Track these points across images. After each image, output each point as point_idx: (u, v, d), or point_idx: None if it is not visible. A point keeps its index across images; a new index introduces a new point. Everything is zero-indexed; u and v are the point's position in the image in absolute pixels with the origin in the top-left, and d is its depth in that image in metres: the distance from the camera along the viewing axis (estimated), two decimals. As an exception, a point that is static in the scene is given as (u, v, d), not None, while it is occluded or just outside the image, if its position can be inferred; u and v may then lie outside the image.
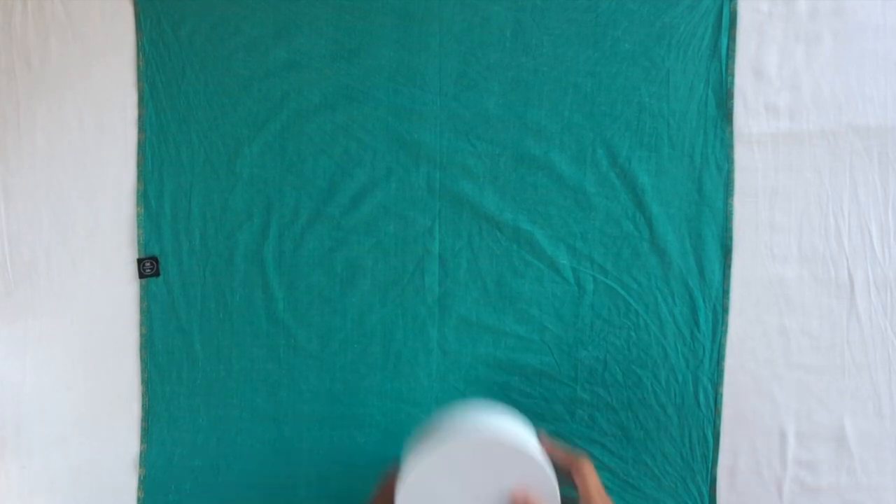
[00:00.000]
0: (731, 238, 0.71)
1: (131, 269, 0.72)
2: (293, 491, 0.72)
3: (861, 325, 0.71)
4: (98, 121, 0.71)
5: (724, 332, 0.71)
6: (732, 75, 0.71)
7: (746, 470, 0.72)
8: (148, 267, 0.72)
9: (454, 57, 0.71)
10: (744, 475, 0.72)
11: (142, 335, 0.72)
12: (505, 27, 0.71)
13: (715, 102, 0.71)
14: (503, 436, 0.54)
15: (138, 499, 0.72)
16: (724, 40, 0.70)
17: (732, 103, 0.71)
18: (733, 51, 0.70)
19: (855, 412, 0.71)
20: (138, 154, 0.72)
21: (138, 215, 0.72)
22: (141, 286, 0.72)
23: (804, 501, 0.71)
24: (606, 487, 0.71)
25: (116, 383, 0.72)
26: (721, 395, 0.71)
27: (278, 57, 0.71)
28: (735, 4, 0.70)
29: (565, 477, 0.57)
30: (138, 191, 0.72)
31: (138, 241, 0.72)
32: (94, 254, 0.72)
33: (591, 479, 0.57)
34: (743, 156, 0.71)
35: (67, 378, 0.72)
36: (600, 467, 0.71)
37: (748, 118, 0.71)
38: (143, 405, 0.72)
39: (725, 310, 0.71)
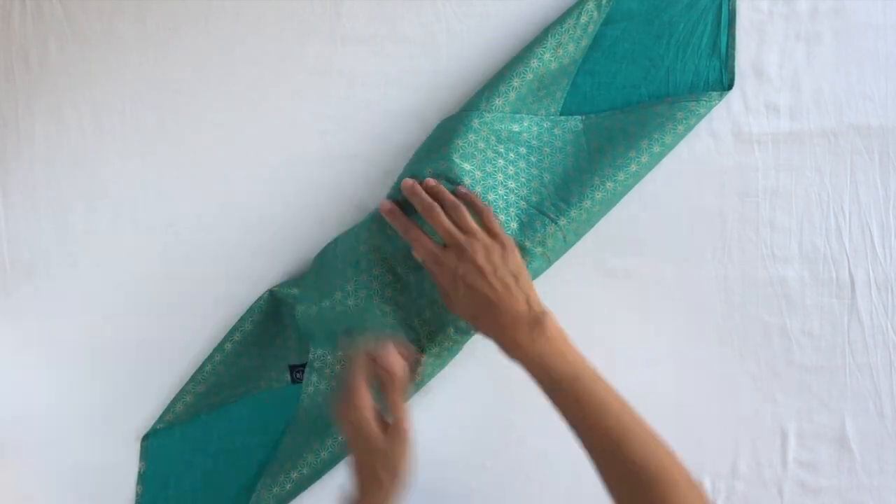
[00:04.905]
0: None
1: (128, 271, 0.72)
2: (292, 491, 0.72)
3: (862, 325, 0.71)
4: (97, 121, 0.71)
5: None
6: (733, 74, 0.70)
7: (747, 470, 0.71)
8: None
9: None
10: (744, 475, 0.71)
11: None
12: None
13: None
14: None
15: (137, 495, 0.72)
16: (724, 39, 0.70)
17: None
18: (733, 49, 0.70)
19: (856, 412, 0.71)
20: None
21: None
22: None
23: (805, 502, 0.71)
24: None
25: (116, 382, 0.72)
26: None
27: None
28: (734, 2, 0.70)
29: None
30: None
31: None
32: (93, 254, 0.72)
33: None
34: (743, 155, 0.71)
35: (67, 378, 0.72)
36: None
37: (748, 117, 0.71)
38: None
39: None
